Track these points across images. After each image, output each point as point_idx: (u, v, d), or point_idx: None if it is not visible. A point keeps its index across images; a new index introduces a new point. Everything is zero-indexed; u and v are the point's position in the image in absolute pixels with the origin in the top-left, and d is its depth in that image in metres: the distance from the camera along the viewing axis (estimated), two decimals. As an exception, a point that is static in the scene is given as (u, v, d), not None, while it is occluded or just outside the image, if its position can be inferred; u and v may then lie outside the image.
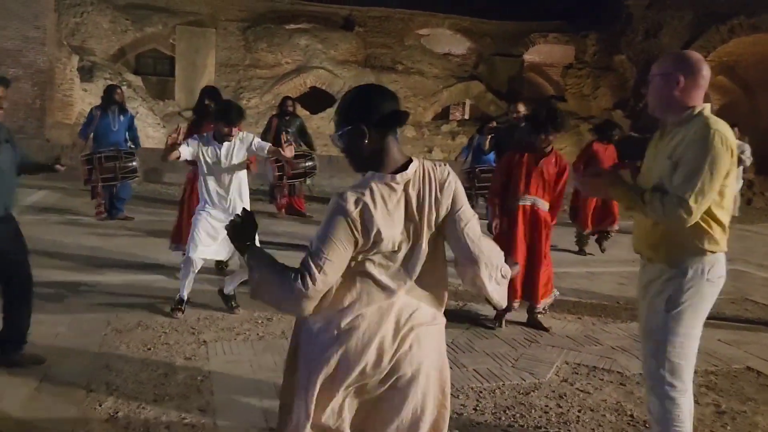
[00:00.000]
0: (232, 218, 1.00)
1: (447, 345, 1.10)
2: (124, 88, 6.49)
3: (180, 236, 3.59)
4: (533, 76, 15.93)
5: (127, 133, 5.37)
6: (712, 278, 1.34)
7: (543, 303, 2.95)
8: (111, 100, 5.25)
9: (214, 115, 2.93)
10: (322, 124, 11.24)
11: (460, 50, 15.70)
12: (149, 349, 2.45)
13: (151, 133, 9.07)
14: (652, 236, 1.42)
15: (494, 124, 4.82)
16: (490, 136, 4.56)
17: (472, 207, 1.04)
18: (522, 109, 4.43)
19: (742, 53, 10.78)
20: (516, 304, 2.88)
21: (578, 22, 12.92)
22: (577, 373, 2.42)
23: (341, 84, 11.63)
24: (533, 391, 2.20)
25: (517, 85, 14.12)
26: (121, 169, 4.94)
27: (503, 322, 2.98)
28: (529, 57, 14.66)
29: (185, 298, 2.93)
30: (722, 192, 1.32)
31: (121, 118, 5.30)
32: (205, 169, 2.86)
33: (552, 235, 3.13)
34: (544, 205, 2.96)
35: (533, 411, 2.02)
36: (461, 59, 15.55)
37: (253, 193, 3.76)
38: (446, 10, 14.01)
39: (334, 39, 11.87)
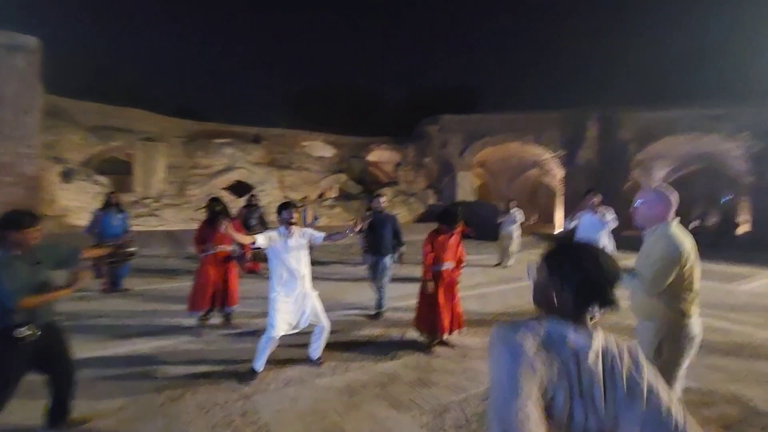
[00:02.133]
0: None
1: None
2: (93, 185, 9.67)
3: (194, 304, 4.51)
4: (374, 170, 23.19)
5: (123, 227, 6.55)
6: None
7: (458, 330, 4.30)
8: (109, 203, 6.52)
9: (279, 209, 3.57)
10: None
11: (329, 154, 22.52)
12: (207, 412, 2.91)
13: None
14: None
15: (369, 212, 5.28)
16: (367, 221, 5.33)
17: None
18: (383, 200, 5.63)
19: (490, 155, 19.90)
20: (445, 336, 4.19)
21: (402, 138, 21.09)
22: None
23: (257, 177, 16.71)
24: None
25: (365, 175, 21.38)
26: (122, 254, 5.36)
27: (434, 349, 4.14)
28: (370, 158, 21.93)
29: (259, 370, 3.43)
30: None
31: (119, 215, 6.53)
32: (277, 255, 3.45)
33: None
34: (451, 265, 4.29)
35: None
36: (330, 160, 22.31)
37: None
38: (319, 130, 20.96)
39: (249, 149, 17.10)
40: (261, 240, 3.41)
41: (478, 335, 4.74)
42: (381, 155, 21.92)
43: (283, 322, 3.46)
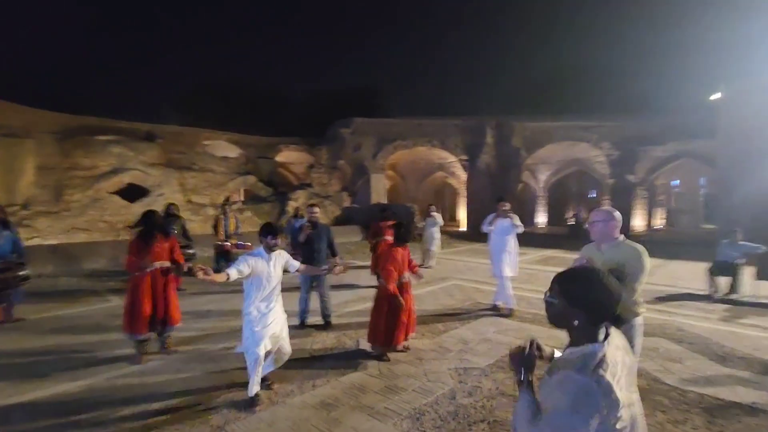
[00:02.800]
0: (524, 347, 1.33)
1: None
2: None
3: (132, 326, 3.99)
4: (284, 171, 22.50)
5: (13, 245, 5.53)
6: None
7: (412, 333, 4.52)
8: None
9: (264, 231, 3.35)
10: (140, 210, 14.28)
11: (234, 154, 21.20)
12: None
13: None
14: None
15: (309, 224, 5.41)
16: (307, 232, 5.36)
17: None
18: (317, 210, 5.60)
19: (400, 158, 20.65)
20: (404, 343, 4.40)
21: (312, 139, 20.78)
22: (466, 373, 3.77)
23: (153, 180, 15.01)
24: (460, 393, 3.40)
25: (275, 177, 20.68)
26: (14, 278, 5.02)
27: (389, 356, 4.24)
28: (279, 159, 21.24)
29: (253, 394, 3.19)
30: None
31: (4, 233, 5.47)
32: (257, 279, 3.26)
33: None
34: (408, 275, 4.49)
35: (473, 408, 3.14)
36: (236, 161, 21.04)
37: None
38: (221, 128, 19.61)
39: (142, 147, 15.26)
40: (235, 273, 3.14)
41: (425, 336, 4.97)
42: (290, 156, 21.30)
43: (265, 337, 3.27)
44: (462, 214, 21.43)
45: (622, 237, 2.73)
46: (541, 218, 22.82)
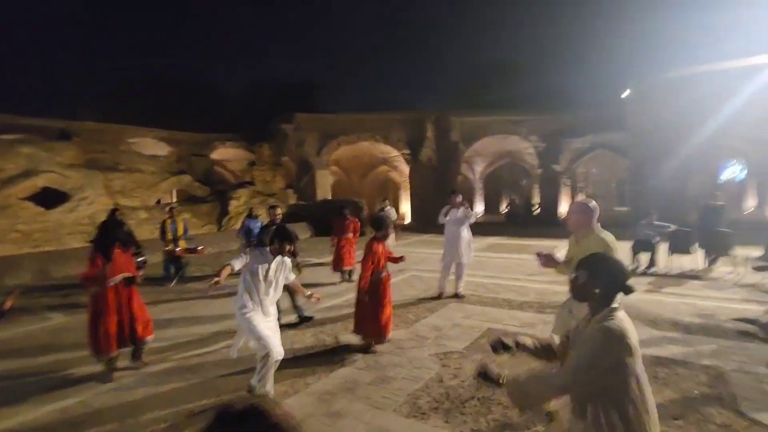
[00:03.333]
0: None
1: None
2: None
3: (99, 346, 3.72)
4: (220, 170, 21.54)
5: None
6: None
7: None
8: None
9: (279, 235, 3.30)
10: (60, 217, 12.86)
11: (163, 152, 19.85)
12: None
13: None
14: None
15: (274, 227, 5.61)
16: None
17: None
18: (279, 212, 5.83)
19: (344, 154, 20.60)
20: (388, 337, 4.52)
21: (249, 134, 20.04)
22: (447, 358, 4.07)
23: (73, 183, 13.58)
24: (446, 376, 3.64)
25: (211, 175, 19.71)
26: None
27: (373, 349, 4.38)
28: (215, 156, 20.28)
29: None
30: None
31: None
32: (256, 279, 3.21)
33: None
34: (386, 270, 4.59)
35: (461, 388, 3.39)
36: (167, 159, 19.73)
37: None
38: (148, 124, 18.24)
39: (57, 147, 13.73)
40: (238, 263, 3.19)
41: (400, 327, 5.17)
42: (227, 153, 20.37)
43: (276, 338, 3.27)
44: (406, 207, 21.99)
45: (598, 226, 2.97)
46: (479, 207, 24.12)
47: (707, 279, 7.34)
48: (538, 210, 20.55)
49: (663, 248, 8.40)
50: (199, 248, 7.89)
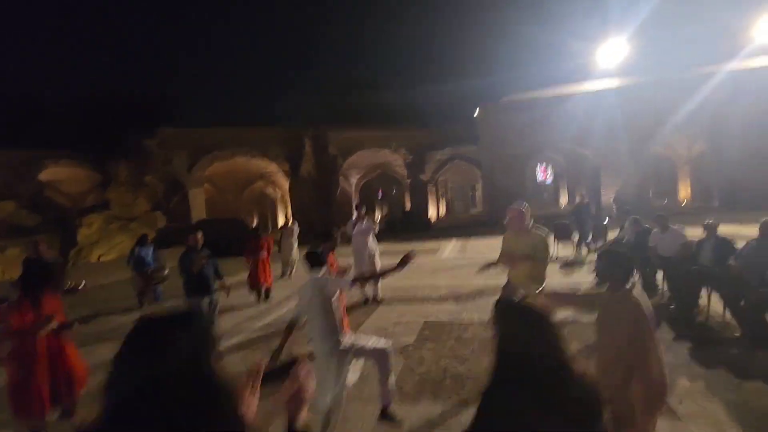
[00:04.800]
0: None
1: None
2: None
3: (26, 408, 3.06)
4: (52, 194, 18.06)
5: None
6: None
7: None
8: None
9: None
10: None
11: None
12: None
13: None
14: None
15: (204, 255, 5.18)
16: (204, 262, 5.16)
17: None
18: (200, 237, 5.27)
19: (216, 170, 19.21)
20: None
21: (97, 153, 17.28)
22: (405, 352, 4.39)
23: None
24: (413, 366, 4.06)
25: (40, 200, 16.44)
26: None
27: None
28: (44, 177, 17.02)
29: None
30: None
31: None
32: None
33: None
34: None
35: (432, 373, 3.72)
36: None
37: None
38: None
39: None
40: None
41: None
42: (61, 173, 17.17)
43: None
44: (281, 221, 21.63)
45: (531, 223, 3.79)
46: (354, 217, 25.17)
47: (582, 261, 9.34)
48: (430, 217, 22.36)
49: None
50: (81, 286, 6.62)
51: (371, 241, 7.14)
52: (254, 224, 9.21)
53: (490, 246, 11.62)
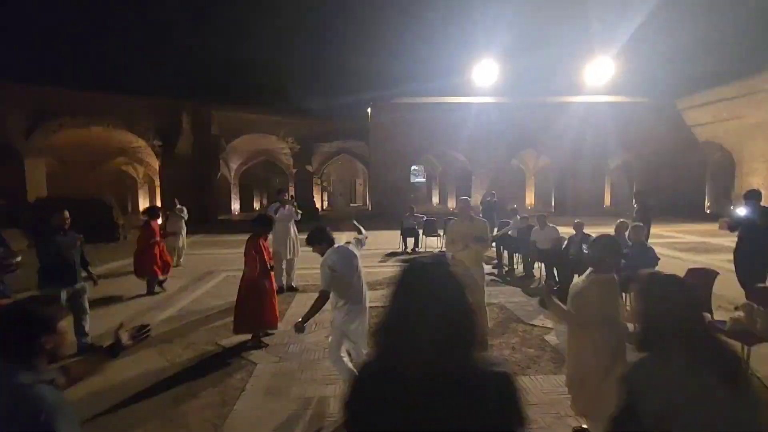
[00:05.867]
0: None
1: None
2: None
3: None
4: None
5: None
6: None
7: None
8: None
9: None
10: None
11: None
12: None
13: None
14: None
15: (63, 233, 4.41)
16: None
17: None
18: (67, 216, 4.46)
19: (65, 140, 15.53)
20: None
21: None
22: None
23: None
24: None
25: None
26: None
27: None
28: None
29: None
30: None
31: None
32: None
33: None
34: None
35: None
36: None
37: None
38: None
39: None
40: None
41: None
42: None
43: None
44: (143, 204, 19.10)
45: (474, 213, 4.36)
46: (236, 205, 23.56)
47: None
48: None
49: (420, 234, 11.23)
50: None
51: (293, 228, 6.97)
52: (146, 207, 7.90)
53: (387, 238, 12.25)
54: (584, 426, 2.69)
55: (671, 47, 28.19)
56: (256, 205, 26.76)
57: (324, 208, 26.30)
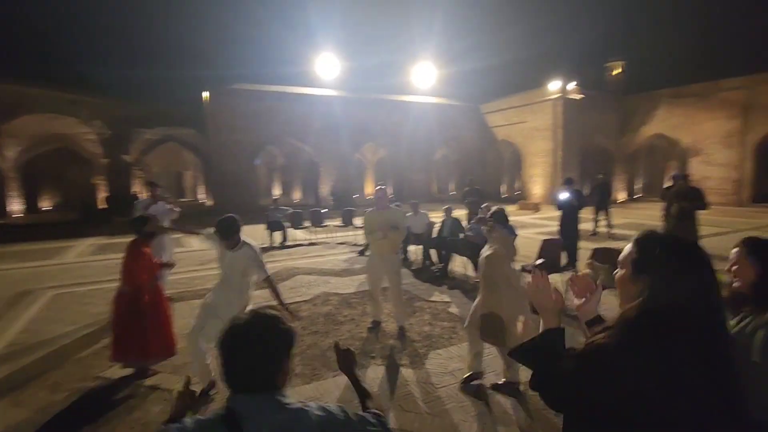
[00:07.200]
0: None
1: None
2: None
3: None
4: None
5: None
6: None
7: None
8: None
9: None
10: None
11: None
12: None
13: None
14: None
15: None
16: None
17: None
18: None
19: None
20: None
21: None
22: None
23: None
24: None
25: None
26: None
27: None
28: None
29: None
30: None
31: None
32: None
33: None
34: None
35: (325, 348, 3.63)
36: None
37: None
38: None
39: None
40: None
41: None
42: None
43: None
44: None
45: (392, 205, 4.54)
46: (16, 205, 17.97)
47: (320, 243, 10.44)
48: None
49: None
50: None
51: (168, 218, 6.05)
52: None
53: (248, 233, 11.37)
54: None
55: (478, 60, 34.16)
56: (47, 205, 21.09)
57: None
